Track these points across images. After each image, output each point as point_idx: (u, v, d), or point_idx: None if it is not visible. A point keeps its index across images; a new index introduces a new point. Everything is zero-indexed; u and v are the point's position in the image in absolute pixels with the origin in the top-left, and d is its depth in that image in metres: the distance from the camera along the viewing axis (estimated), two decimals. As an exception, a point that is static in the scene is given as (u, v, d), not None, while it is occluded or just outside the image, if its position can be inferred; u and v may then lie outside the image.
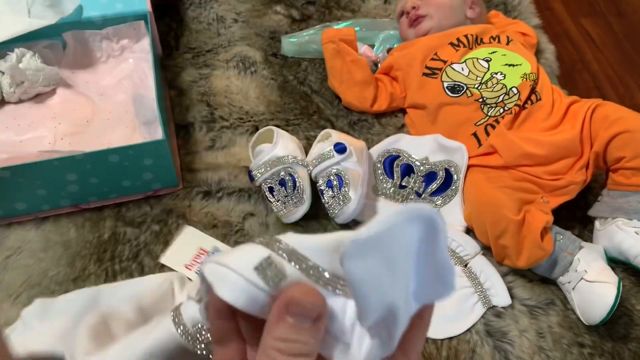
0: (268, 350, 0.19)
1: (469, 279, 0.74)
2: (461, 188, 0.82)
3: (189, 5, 1.09)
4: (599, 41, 1.14)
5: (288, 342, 0.19)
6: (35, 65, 0.83)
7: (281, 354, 0.19)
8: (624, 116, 0.77)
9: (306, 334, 0.20)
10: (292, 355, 0.19)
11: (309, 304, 0.20)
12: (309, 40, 1.02)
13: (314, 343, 0.20)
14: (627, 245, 0.73)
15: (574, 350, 0.71)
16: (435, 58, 0.92)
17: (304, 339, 0.19)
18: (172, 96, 0.95)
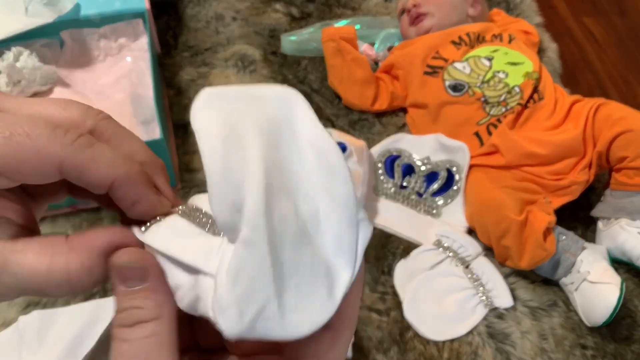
0: (114, 331, 0.18)
1: (470, 280, 0.74)
2: (463, 188, 0.81)
3: (187, 3, 1.08)
4: (602, 40, 1.13)
5: (125, 312, 0.18)
6: (33, 64, 0.83)
7: (123, 327, 0.18)
8: (627, 115, 0.76)
9: (138, 297, 0.18)
10: (131, 326, 0.17)
11: (126, 264, 0.18)
12: (309, 38, 1.02)
13: (152, 305, 0.18)
14: (630, 245, 0.72)
15: (576, 352, 0.70)
16: (437, 56, 0.91)
17: (138, 303, 0.18)
18: (170, 95, 0.94)
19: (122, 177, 0.18)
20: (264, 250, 0.16)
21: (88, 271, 0.18)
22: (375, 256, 0.78)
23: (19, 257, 0.17)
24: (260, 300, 0.16)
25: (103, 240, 0.18)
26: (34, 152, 0.17)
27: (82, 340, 0.64)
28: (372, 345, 0.70)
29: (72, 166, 0.18)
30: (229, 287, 0.15)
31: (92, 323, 0.65)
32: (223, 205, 0.16)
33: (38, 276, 0.17)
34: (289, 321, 0.16)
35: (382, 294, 0.74)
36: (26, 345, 0.64)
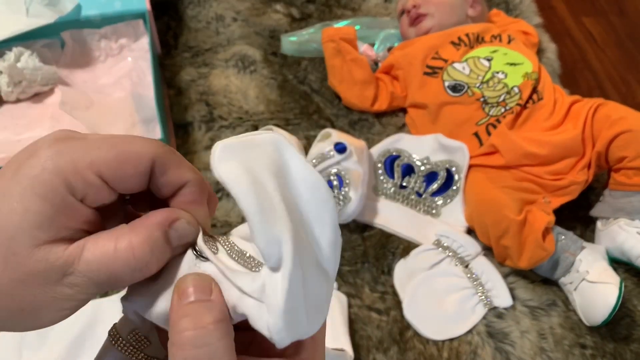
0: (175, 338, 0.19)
1: (470, 280, 0.74)
2: (462, 188, 0.82)
3: (188, 4, 1.09)
4: (601, 40, 1.13)
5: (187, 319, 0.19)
6: (34, 65, 0.83)
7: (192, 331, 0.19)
8: (626, 116, 0.77)
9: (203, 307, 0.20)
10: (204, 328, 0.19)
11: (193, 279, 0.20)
12: (309, 39, 1.02)
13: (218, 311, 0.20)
14: (629, 245, 0.72)
15: (575, 351, 0.70)
16: (436, 57, 0.91)
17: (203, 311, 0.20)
18: (170, 95, 0.94)
19: (196, 180, 0.22)
20: (301, 277, 0.20)
21: (150, 245, 0.20)
22: (375, 256, 0.78)
23: (90, 245, 0.20)
24: (299, 318, 0.20)
25: (160, 217, 0.21)
26: (134, 153, 0.20)
27: (83, 340, 0.64)
28: (372, 345, 0.70)
29: (161, 164, 0.21)
30: (283, 316, 0.19)
31: (93, 323, 0.66)
32: (267, 241, 0.19)
33: (107, 258, 0.19)
34: (311, 325, 0.20)
35: (382, 293, 0.74)
36: (27, 344, 0.64)
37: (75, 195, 0.19)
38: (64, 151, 0.19)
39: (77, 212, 0.20)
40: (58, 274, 0.19)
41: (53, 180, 0.19)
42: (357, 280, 0.75)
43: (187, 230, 0.21)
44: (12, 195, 0.19)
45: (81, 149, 0.20)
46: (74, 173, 0.19)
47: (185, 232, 0.21)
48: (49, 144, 0.20)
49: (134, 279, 0.20)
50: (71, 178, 0.19)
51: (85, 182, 0.19)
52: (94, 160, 0.19)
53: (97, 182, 0.20)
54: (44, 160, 0.19)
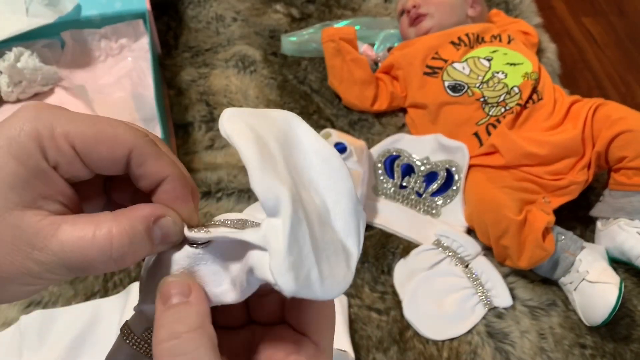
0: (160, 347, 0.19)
1: (470, 280, 0.74)
2: (462, 188, 0.82)
3: (188, 4, 1.09)
4: (601, 40, 1.13)
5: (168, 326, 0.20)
6: (34, 65, 0.83)
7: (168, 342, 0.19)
8: (626, 116, 0.77)
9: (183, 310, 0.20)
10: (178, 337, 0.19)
11: (171, 280, 0.20)
12: (309, 39, 1.02)
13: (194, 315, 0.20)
14: (629, 245, 0.73)
15: (575, 351, 0.70)
16: (436, 57, 0.91)
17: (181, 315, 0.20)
18: (171, 95, 0.94)
19: (176, 175, 0.21)
20: (304, 226, 0.19)
21: (131, 237, 0.19)
22: (374, 256, 0.78)
23: (67, 226, 0.19)
24: (306, 267, 0.19)
25: (145, 210, 0.20)
26: (112, 136, 0.20)
27: (83, 340, 0.64)
28: (371, 345, 0.70)
29: (139, 154, 0.20)
30: (286, 256, 0.18)
31: (93, 323, 0.66)
32: (265, 187, 0.19)
33: (83, 243, 0.19)
34: (326, 285, 0.19)
35: (382, 293, 0.74)
36: (27, 344, 0.64)
37: (48, 161, 0.19)
38: (44, 117, 0.19)
39: (51, 180, 0.19)
40: (27, 245, 0.18)
41: (28, 142, 0.18)
42: (357, 280, 0.75)
43: (171, 229, 0.21)
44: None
45: (62, 118, 0.19)
46: (49, 139, 0.19)
47: (170, 231, 0.21)
48: (32, 107, 0.19)
49: (107, 268, 0.20)
50: (45, 143, 0.19)
51: (59, 150, 0.19)
52: (71, 131, 0.19)
53: (70, 153, 0.19)
54: (22, 122, 0.19)
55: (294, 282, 0.18)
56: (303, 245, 0.19)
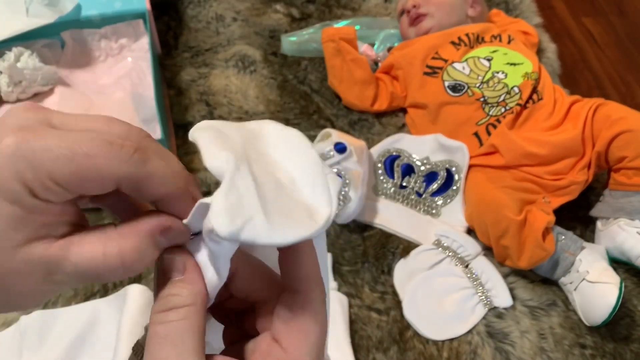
0: (152, 315, 0.21)
1: (470, 280, 0.74)
2: (462, 188, 0.82)
3: (188, 4, 1.09)
4: (601, 40, 1.13)
5: (163, 299, 0.21)
6: (34, 65, 0.83)
7: (159, 312, 0.20)
8: (626, 116, 0.77)
9: (176, 287, 0.21)
10: (167, 310, 0.20)
11: (169, 257, 0.21)
12: (308, 39, 1.02)
13: (186, 294, 0.21)
14: (629, 245, 0.73)
15: (575, 351, 0.70)
16: (436, 57, 0.91)
17: (175, 291, 0.21)
18: (170, 95, 0.94)
19: (173, 192, 0.21)
20: (249, 179, 0.20)
21: (139, 253, 0.20)
22: (374, 256, 0.78)
23: (77, 248, 0.19)
24: (248, 212, 0.19)
25: (150, 224, 0.21)
26: (95, 171, 0.19)
27: (83, 341, 0.64)
28: (371, 345, 0.70)
29: (129, 181, 0.19)
30: (222, 198, 0.19)
31: (93, 324, 0.66)
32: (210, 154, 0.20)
33: (95, 263, 0.19)
34: (276, 231, 0.19)
35: (382, 293, 0.74)
36: (27, 345, 0.64)
37: (39, 198, 0.19)
38: (22, 155, 0.18)
39: (48, 210, 0.19)
40: (43, 272, 0.19)
41: (15, 186, 0.18)
42: (357, 280, 0.75)
43: (177, 238, 0.21)
44: None
45: (40, 155, 0.18)
46: (34, 180, 0.18)
47: (176, 240, 0.21)
48: (10, 137, 0.18)
49: (119, 278, 0.21)
50: (31, 184, 0.18)
51: (46, 189, 0.18)
52: (52, 171, 0.18)
53: (57, 190, 0.19)
54: (4, 161, 0.18)
55: (228, 224, 0.19)
56: (245, 194, 0.20)
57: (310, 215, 0.21)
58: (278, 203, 0.20)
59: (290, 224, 0.20)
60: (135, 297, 0.64)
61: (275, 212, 0.20)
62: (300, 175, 0.22)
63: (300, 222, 0.20)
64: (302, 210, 0.21)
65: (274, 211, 0.20)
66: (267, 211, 0.20)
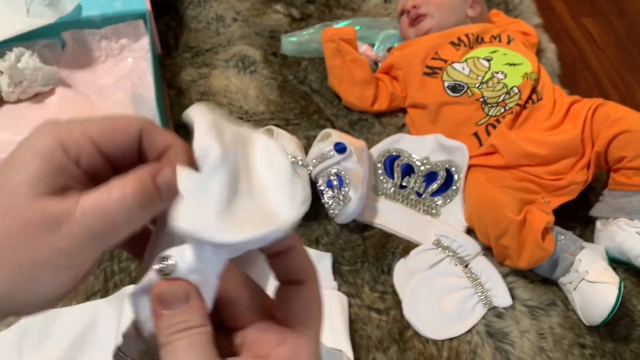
0: (167, 339, 0.21)
1: (469, 280, 0.74)
2: (462, 188, 0.82)
3: (188, 4, 1.09)
4: (600, 40, 1.14)
5: (178, 325, 0.21)
6: (34, 65, 0.83)
7: (179, 334, 0.21)
8: (626, 116, 0.77)
9: (186, 314, 0.22)
10: (186, 330, 0.21)
11: (174, 293, 0.22)
12: (309, 39, 1.02)
13: (199, 317, 0.22)
14: (628, 245, 0.73)
15: (575, 351, 0.70)
16: (436, 57, 0.92)
17: (186, 317, 0.22)
18: (171, 95, 0.94)
19: (179, 143, 0.24)
20: (223, 179, 0.21)
21: (142, 189, 0.22)
22: (374, 255, 0.78)
23: (85, 197, 0.21)
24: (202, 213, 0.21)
25: (147, 168, 0.23)
26: (123, 122, 0.23)
27: (83, 341, 0.64)
28: (371, 344, 0.70)
29: (148, 130, 0.23)
30: (194, 196, 0.21)
31: (93, 324, 0.66)
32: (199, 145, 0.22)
33: (102, 203, 0.21)
34: (225, 231, 0.21)
35: (382, 293, 0.75)
36: (27, 344, 0.64)
37: (69, 156, 0.22)
38: (62, 124, 0.22)
39: (73, 174, 0.22)
40: (55, 222, 0.20)
41: (51, 143, 0.21)
42: (357, 280, 0.75)
43: (172, 178, 0.22)
44: (17, 157, 0.21)
45: (77, 123, 0.22)
46: (69, 137, 0.22)
47: (171, 181, 0.22)
48: (48, 122, 0.22)
49: (130, 223, 0.22)
50: (67, 141, 0.22)
51: (78, 144, 0.22)
52: (87, 129, 0.22)
53: (89, 145, 0.22)
54: (44, 129, 0.22)
55: (188, 221, 0.20)
56: (211, 196, 0.21)
57: (269, 219, 0.22)
58: (241, 206, 0.22)
59: (243, 227, 0.21)
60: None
61: (234, 214, 0.21)
62: (272, 184, 0.24)
63: (255, 225, 0.22)
64: (263, 215, 0.22)
65: (234, 213, 0.21)
66: (225, 213, 0.21)
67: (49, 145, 0.21)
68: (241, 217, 0.21)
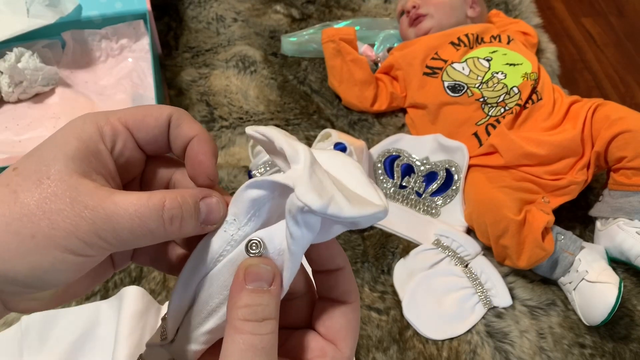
0: (235, 322, 0.21)
1: (469, 280, 0.74)
2: (462, 188, 0.82)
3: (188, 4, 1.09)
4: (600, 41, 1.14)
5: (251, 307, 0.21)
6: (34, 65, 0.83)
7: (247, 321, 0.21)
8: (625, 116, 0.77)
9: (266, 296, 0.21)
10: (257, 321, 0.21)
11: (263, 269, 0.22)
12: (309, 39, 1.02)
13: (274, 305, 0.22)
14: (628, 245, 0.73)
15: (574, 350, 0.70)
16: (436, 57, 0.92)
17: (265, 301, 0.21)
18: (171, 96, 0.94)
19: (204, 133, 0.25)
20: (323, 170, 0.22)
21: (181, 205, 0.22)
22: (374, 255, 0.78)
23: (121, 194, 0.21)
24: (329, 192, 0.21)
25: (194, 190, 0.23)
26: (155, 109, 0.24)
27: (83, 343, 0.64)
28: (371, 344, 0.70)
29: (177, 117, 0.24)
30: (308, 180, 0.21)
31: (93, 325, 0.66)
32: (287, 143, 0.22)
33: (138, 202, 0.21)
34: (355, 206, 0.21)
35: (382, 293, 0.75)
36: (27, 345, 0.64)
37: (105, 142, 0.23)
38: (102, 113, 0.23)
39: (106, 160, 0.23)
40: (82, 204, 0.20)
41: (89, 127, 0.22)
42: (357, 280, 0.76)
43: (215, 207, 0.23)
44: (57, 136, 0.22)
45: (114, 111, 0.24)
46: (106, 123, 0.23)
47: (214, 209, 0.23)
48: (90, 113, 0.23)
49: (157, 233, 0.21)
50: (103, 126, 0.23)
51: (114, 129, 0.23)
52: (122, 115, 0.23)
53: (124, 130, 0.23)
54: (86, 116, 0.23)
55: (318, 199, 0.20)
56: (323, 178, 0.21)
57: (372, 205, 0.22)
58: (347, 192, 0.22)
59: (362, 204, 0.22)
60: (133, 299, 0.65)
61: (349, 196, 0.22)
62: (354, 185, 0.23)
63: (368, 204, 0.22)
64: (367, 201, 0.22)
65: (349, 196, 0.22)
66: (343, 194, 0.21)
67: (88, 130, 0.22)
68: (353, 199, 0.22)
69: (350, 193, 0.22)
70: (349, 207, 0.21)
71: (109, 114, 0.23)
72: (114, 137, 0.23)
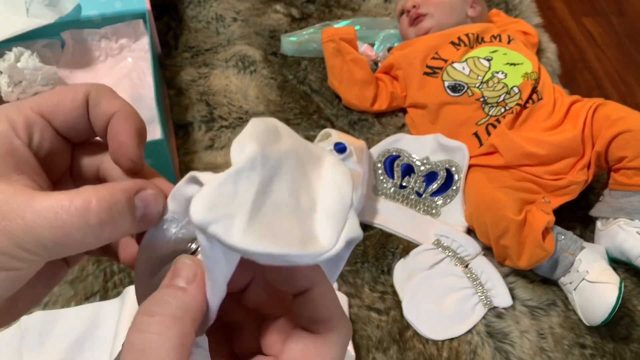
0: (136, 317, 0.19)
1: (469, 280, 0.74)
2: (462, 188, 0.82)
3: (188, 4, 1.09)
4: (601, 40, 1.14)
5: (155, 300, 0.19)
6: (34, 65, 0.83)
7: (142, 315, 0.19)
8: (626, 116, 0.77)
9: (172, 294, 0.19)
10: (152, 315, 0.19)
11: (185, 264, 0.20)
12: (308, 39, 1.02)
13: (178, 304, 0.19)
14: (628, 245, 0.73)
15: (575, 351, 0.70)
16: (436, 57, 0.91)
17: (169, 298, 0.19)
18: (171, 95, 0.94)
19: (125, 109, 0.22)
20: (255, 182, 0.19)
21: (110, 205, 0.19)
22: (374, 255, 0.78)
23: (42, 196, 0.18)
24: (231, 209, 0.18)
25: (127, 184, 0.20)
26: (70, 89, 0.22)
27: (83, 343, 0.64)
28: (371, 345, 0.70)
29: (94, 96, 0.22)
30: (216, 185, 0.18)
31: (93, 325, 0.66)
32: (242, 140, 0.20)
33: (59, 209, 0.18)
34: (248, 238, 0.17)
35: (382, 293, 0.75)
36: (27, 345, 0.64)
37: (19, 136, 0.20)
38: (11, 105, 0.21)
39: (24, 157, 0.20)
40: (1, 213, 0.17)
41: (2, 125, 0.20)
42: (357, 280, 0.75)
43: (152, 201, 0.20)
44: None
45: (25, 100, 0.21)
46: (17, 114, 0.20)
47: (151, 204, 0.20)
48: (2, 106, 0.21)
49: (85, 241, 0.18)
50: (15, 118, 0.20)
51: (27, 119, 0.21)
52: (35, 104, 0.21)
53: (38, 119, 0.21)
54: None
55: (205, 212, 0.17)
56: (240, 194, 0.18)
57: (303, 242, 0.19)
58: (275, 219, 0.19)
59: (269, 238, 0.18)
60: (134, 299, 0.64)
61: (263, 223, 0.18)
62: (325, 209, 0.20)
63: (284, 242, 0.18)
64: (298, 234, 0.19)
65: (263, 223, 0.18)
66: (256, 217, 0.18)
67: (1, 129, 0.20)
68: (267, 227, 0.18)
69: (278, 223, 0.19)
70: (242, 236, 0.17)
71: (20, 104, 0.21)
72: (28, 128, 0.20)
